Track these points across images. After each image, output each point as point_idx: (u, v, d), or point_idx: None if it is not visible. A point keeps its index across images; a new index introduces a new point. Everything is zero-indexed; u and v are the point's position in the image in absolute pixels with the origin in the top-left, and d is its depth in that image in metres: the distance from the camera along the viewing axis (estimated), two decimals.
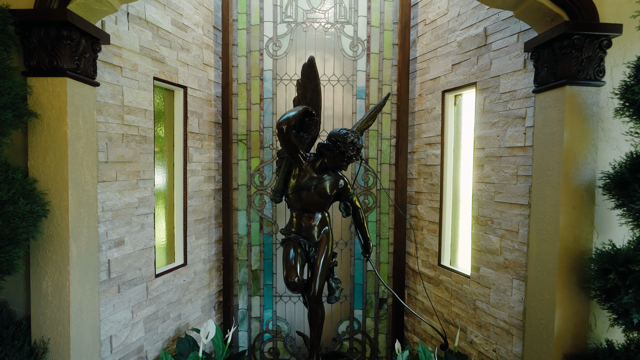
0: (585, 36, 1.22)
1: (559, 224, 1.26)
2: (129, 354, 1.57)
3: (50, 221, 1.19)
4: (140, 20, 1.58)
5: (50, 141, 1.19)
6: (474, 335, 1.72)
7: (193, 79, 1.91)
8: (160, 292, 1.74)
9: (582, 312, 1.27)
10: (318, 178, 1.62)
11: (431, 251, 1.99)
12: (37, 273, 1.20)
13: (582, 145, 1.25)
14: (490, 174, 1.63)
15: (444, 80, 1.89)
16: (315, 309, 1.66)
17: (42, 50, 1.17)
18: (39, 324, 1.21)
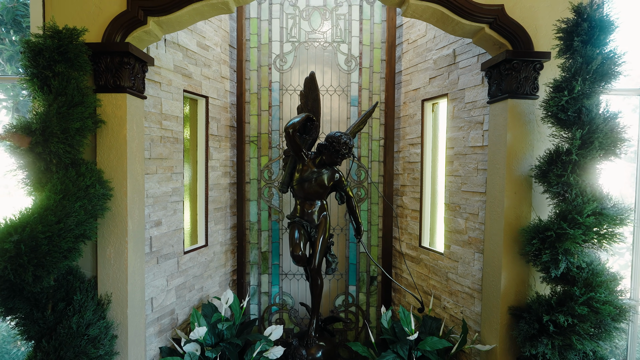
0: (523, 61, 1.59)
1: (504, 206, 1.63)
2: (164, 315, 1.94)
3: (113, 203, 1.55)
4: (173, 44, 1.96)
5: (113, 142, 1.56)
6: (447, 302, 2.09)
7: (213, 90, 2.28)
8: (188, 267, 2.10)
9: (522, 274, 1.64)
10: (318, 172, 1.98)
11: (413, 235, 2.36)
12: (103, 243, 1.57)
13: (522, 145, 1.62)
14: (458, 169, 2.00)
15: (423, 91, 2.26)
16: (315, 279, 2.02)
17: (108, 73, 1.54)
18: (104, 282, 1.58)
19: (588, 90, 1.33)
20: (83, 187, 1.35)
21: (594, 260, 1.41)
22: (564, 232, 1.33)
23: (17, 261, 1.20)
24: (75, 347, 1.33)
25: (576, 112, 1.36)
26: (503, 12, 1.61)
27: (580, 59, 1.34)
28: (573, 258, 1.38)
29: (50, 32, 1.37)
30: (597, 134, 1.31)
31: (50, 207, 1.27)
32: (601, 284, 1.33)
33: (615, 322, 1.31)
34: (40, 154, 1.31)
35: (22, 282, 1.22)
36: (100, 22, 1.56)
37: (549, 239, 1.37)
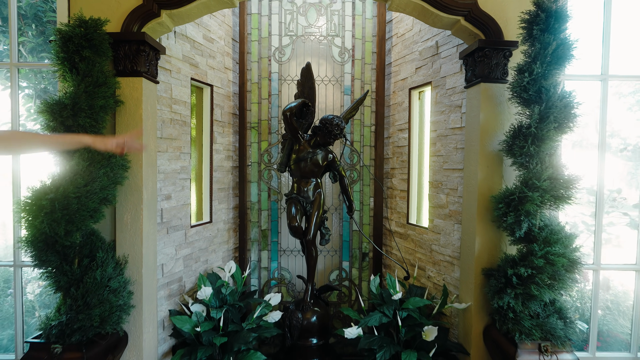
0: (493, 49, 1.79)
1: (478, 178, 1.82)
2: (173, 280, 2.13)
3: (130, 174, 1.75)
4: (182, 36, 2.16)
5: (130, 120, 1.76)
6: (430, 272, 2.28)
7: (217, 80, 2.48)
8: (194, 239, 2.30)
9: (494, 238, 1.83)
10: (313, 152, 2.18)
11: (402, 213, 2.55)
12: (121, 209, 1.77)
13: (493, 124, 1.82)
14: (440, 149, 2.20)
15: (410, 80, 2.46)
16: (310, 250, 2.22)
17: (127, 59, 1.74)
18: (121, 244, 1.78)
19: (545, 72, 1.53)
20: (106, 156, 1.56)
21: (553, 222, 1.61)
22: (525, 195, 1.53)
23: (52, 216, 1.40)
24: (99, 295, 1.53)
25: (536, 91, 1.56)
26: (476, 5, 1.81)
27: (539, 45, 1.54)
28: (534, 219, 1.58)
29: (77, 22, 1.57)
30: (552, 110, 1.51)
31: (79, 172, 1.47)
32: (557, 240, 1.52)
33: (569, 272, 1.51)
34: (70, 127, 1.51)
35: (56, 235, 1.42)
36: (120, 14, 1.77)
37: (513, 203, 1.57)
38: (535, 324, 1.55)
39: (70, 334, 1.48)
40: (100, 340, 1.55)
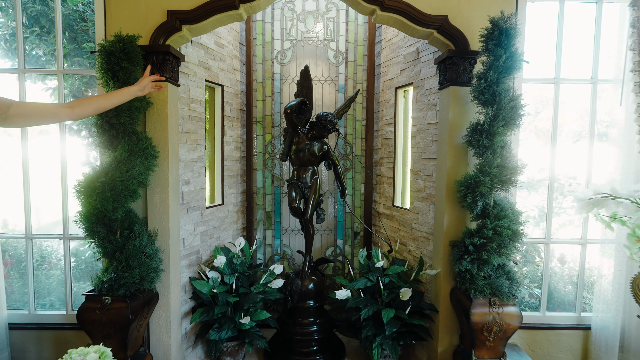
0: (460, 57, 2.12)
1: (447, 166, 2.18)
2: (192, 252, 2.53)
3: (159, 162, 2.11)
4: (197, 44, 2.51)
5: (157, 118, 2.13)
6: (411, 246, 2.67)
7: (227, 80, 2.84)
8: (209, 219, 2.69)
9: (459, 216, 2.20)
10: (310, 144, 2.54)
11: (388, 197, 2.93)
12: (151, 192, 2.15)
13: (460, 120, 2.17)
14: (419, 141, 2.55)
15: (396, 80, 2.80)
16: (308, 227, 2.60)
17: (155, 67, 2.09)
18: (152, 220, 2.16)
19: (498, 79, 1.88)
20: (142, 147, 1.93)
21: (504, 201, 1.97)
22: (479, 180, 1.89)
23: (102, 195, 1.78)
24: (138, 259, 1.92)
25: (491, 95, 1.91)
26: (447, 20, 2.14)
27: (492, 56, 1.89)
28: (488, 199, 1.94)
29: (116, 39, 1.92)
30: (502, 110, 1.86)
31: (122, 161, 1.85)
32: (505, 216, 1.89)
33: (513, 241, 1.88)
34: (114, 124, 1.88)
35: (105, 210, 1.81)
36: (148, 29, 2.12)
37: (471, 186, 1.94)
38: (486, 283, 1.93)
39: (117, 288, 1.88)
40: (139, 294, 1.95)
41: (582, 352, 2.42)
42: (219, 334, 2.27)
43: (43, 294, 2.89)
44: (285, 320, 2.56)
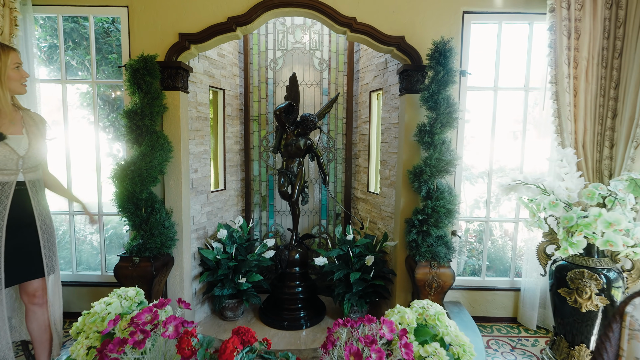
0: (414, 70, 2.62)
1: (403, 159, 2.71)
2: (200, 228, 3.11)
3: (173, 155, 2.67)
4: (203, 56, 3.03)
5: (172, 119, 2.67)
6: (380, 224, 3.22)
7: (228, 84, 3.37)
8: (213, 201, 3.26)
9: (413, 199, 2.73)
10: (296, 139, 3.06)
11: (364, 184, 3.47)
12: (168, 178, 2.71)
13: (413, 121, 2.67)
14: (387, 138, 3.07)
15: (371, 85, 3.31)
16: (294, 208, 3.15)
17: (169, 79, 2.63)
18: (168, 201, 2.73)
19: (438, 90, 2.39)
20: (161, 143, 2.49)
21: (444, 186, 2.50)
22: (422, 169, 2.42)
23: (132, 180, 2.35)
24: (159, 229, 2.49)
25: (433, 102, 2.42)
26: (404, 40, 2.63)
27: (434, 72, 2.39)
28: (431, 185, 2.47)
29: (141, 58, 2.46)
30: (441, 115, 2.38)
31: (147, 154, 2.42)
32: (443, 198, 2.42)
33: (447, 217, 2.42)
34: (139, 125, 2.44)
35: (134, 191, 2.38)
36: (163, 48, 2.65)
37: (417, 174, 2.47)
38: (428, 250, 2.48)
39: (144, 251, 2.46)
40: (160, 257, 2.54)
41: (513, 308, 2.98)
42: (222, 291, 2.86)
43: (77, 262, 3.50)
44: (276, 283, 3.14)
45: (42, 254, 1.83)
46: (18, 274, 1.75)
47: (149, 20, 2.65)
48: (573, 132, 2.49)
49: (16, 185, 1.70)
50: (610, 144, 2.44)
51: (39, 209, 1.84)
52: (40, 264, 1.83)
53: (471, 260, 3.50)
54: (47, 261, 1.86)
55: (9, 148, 1.64)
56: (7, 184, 1.66)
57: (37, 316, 1.88)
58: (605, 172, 2.47)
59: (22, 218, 1.73)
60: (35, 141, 1.78)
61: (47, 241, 1.85)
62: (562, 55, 2.44)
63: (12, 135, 1.66)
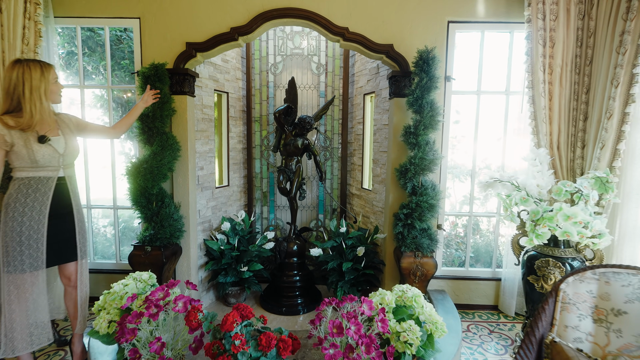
0: (401, 76, 2.84)
1: (392, 157, 2.94)
2: (205, 221, 3.37)
3: (181, 153, 2.92)
4: (208, 62, 3.28)
5: (180, 121, 2.93)
6: (372, 219, 3.45)
7: (231, 87, 3.61)
8: (218, 196, 3.52)
9: (401, 195, 2.96)
10: (294, 139, 3.30)
11: (359, 181, 3.70)
12: (176, 175, 2.97)
13: (401, 123, 2.90)
14: (378, 138, 3.30)
15: (364, 88, 3.53)
16: (292, 203, 3.40)
17: (177, 84, 2.88)
18: (177, 196, 2.99)
19: (422, 94, 2.60)
20: (170, 143, 2.74)
21: (428, 183, 2.73)
22: (407, 168, 2.65)
23: (144, 177, 2.61)
24: (168, 221, 2.76)
25: (418, 106, 2.64)
26: (392, 48, 2.85)
27: (418, 78, 2.61)
28: (416, 181, 2.70)
29: (152, 66, 2.71)
30: (425, 118, 2.60)
31: (157, 152, 2.67)
32: (426, 193, 2.65)
33: (430, 212, 2.64)
34: (151, 127, 2.70)
35: (146, 187, 2.64)
36: (171, 56, 2.90)
37: (403, 172, 2.70)
38: (413, 242, 2.71)
39: (155, 241, 2.73)
40: (169, 246, 2.80)
41: (494, 297, 3.20)
42: (225, 278, 3.12)
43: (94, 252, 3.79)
44: (276, 273, 3.39)
45: (76, 240, 2.10)
46: (56, 257, 2.02)
47: (159, 31, 2.90)
48: (548, 133, 2.69)
49: (57, 180, 1.97)
50: (582, 145, 2.65)
51: (75, 201, 2.11)
52: (74, 249, 2.10)
53: (458, 252, 3.72)
54: (81, 246, 2.13)
55: (52, 148, 1.91)
56: (50, 179, 1.93)
57: (72, 296, 2.16)
58: (578, 171, 2.67)
59: (61, 208, 2.01)
60: (70, 140, 2.05)
61: (80, 229, 2.12)
62: (538, 62, 2.65)
63: (53, 137, 1.93)
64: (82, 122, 2.20)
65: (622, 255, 2.34)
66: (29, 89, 1.81)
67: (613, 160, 2.38)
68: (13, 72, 1.82)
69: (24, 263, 1.84)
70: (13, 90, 1.82)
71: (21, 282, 1.86)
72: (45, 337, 1.97)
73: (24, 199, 1.84)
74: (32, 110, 1.82)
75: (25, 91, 1.80)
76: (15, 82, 1.81)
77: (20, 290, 1.86)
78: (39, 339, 1.96)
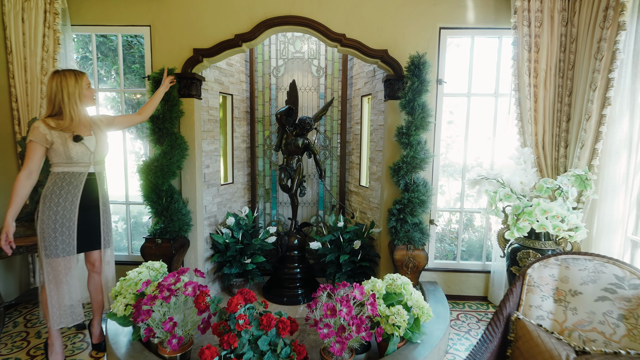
0: (395, 80, 3.01)
1: (387, 156, 3.11)
2: (211, 216, 3.57)
3: (189, 152, 3.12)
4: (214, 66, 3.47)
5: (187, 122, 3.12)
6: (369, 214, 3.63)
7: (235, 90, 3.80)
8: (223, 193, 3.72)
9: (395, 191, 3.13)
10: (295, 139, 3.49)
11: (356, 178, 3.88)
12: (184, 172, 3.17)
13: (395, 123, 3.07)
14: (374, 138, 3.48)
15: (362, 90, 3.71)
16: (293, 199, 3.59)
17: (185, 88, 3.08)
18: (185, 192, 3.20)
19: (414, 97, 2.78)
20: (179, 143, 2.94)
21: (420, 180, 2.90)
22: (400, 166, 2.83)
23: (155, 174, 2.81)
24: (177, 216, 2.96)
25: (410, 108, 2.82)
26: (387, 53, 3.02)
27: (410, 82, 2.79)
28: (408, 179, 2.88)
29: (161, 71, 2.91)
30: (416, 119, 2.78)
31: (167, 152, 2.88)
32: (418, 190, 2.83)
33: (421, 207, 2.82)
34: (161, 128, 2.90)
35: (157, 183, 2.84)
36: (180, 61, 3.09)
37: (396, 170, 2.88)
38: (405, 235, 2.89)
39: (165, 234, 2.93)
40: (178, 239, 3.01)
41: (484, 288, 3.37)
42: (230, 270, 3.32)
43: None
44: (277, 265, 3.59)
45: (101, 230, 2.31)
46: (84, 244, 2.24)
47: (168, 38, 3.10)
48: (534, 133, 2.86)
49: (87, 175, 2.19)
50: (565, 144, 2.81)
51: (102, 195, 2.33)
52: (99, 238, 2.31)
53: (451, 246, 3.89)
54: (105, 236, 2.35)
55: (85, 146, 2.13)
56: (82, 174, 2.16)
57: (95, 281, 2.38)
58: (561, 169, 2.83)
59: (89, 201, 2.23)
60: (100, 139, 2.26)
61: (105, 220, 2.34)
62: (524, 66, 2.81)
63: (86, 137, 2.15)
64: (110, 117, 2.41)
65: (600, 247, 2.50)
66: (67, 95, 2.04)
67: (592, 159, 2.54)
68: (53, 81, 2.05)
69: (58, 248, 2.06)
70: (54, 97, 2.06)
71: (56, 265, 2.09)
72: (78, 315, 2.21)
73: (59, 191, 2.07)
74: (71, 114, 2.06)
75: (64, 97, 2.04)
76: (55, 90, 2.05)
77: (55, 273, 2.09)
78: (72, 317, 2.21)
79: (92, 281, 2.38)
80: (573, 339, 1.41)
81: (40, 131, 1.99)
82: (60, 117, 2.07)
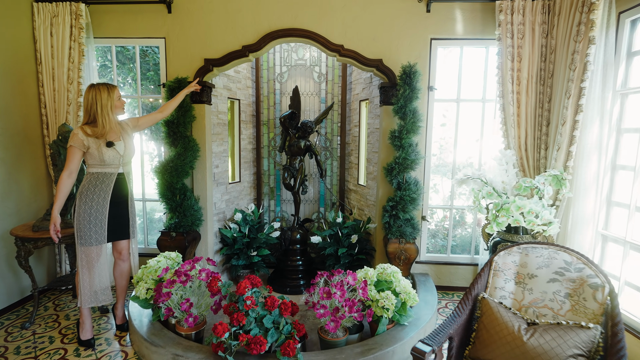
0: (389, 87, 3.27)
1: (381, 157, 3.38)
2: (220, 212, 3.86)
3: (200, 153, 3.41)
4: (222, 74, 3.76)
5: (199, 126, 3.41)
6: (366, 211, 3.90)
7: (242, 95, 4.09)
8: (231, 190, 4.01)
9: (389, 189, 3.40)
10: (297, 140, 3.77)
11: (355, 178, 4.15)
12: (196, 172, 3.46)
13: (389, 127, 3.33)
14: (371, 140, 3.74)
15: (360, 95, 3.97)
16: (296, 197, 3.87)
17: (196, 94, 3.36)
18: (196, 190, 3.49)
19: (405, 103, 3.04)
20: (191, 145, 3.24)
21: (411, 179, 3.16)
22: (392, 166, 3.09)
23: (171, 173, 3.11)
24: (190, 211, 3.25)
25: (402, 113, 3.08)
26: (382, 62, 3.28)
27: (402, 89, 3.05)
28: (400, 178, 3.14)
29: (176, 80, 3.20)
30: (407, 124, 3.04)
31: (181, 153, 3.17)
32: (409, 189, 3.09)
33: (412, 204, 3.08)
34: (175, 132, 3.19)
35: (172, 182, 3.14)
36: (192, 71, 3.38)
37: (389, 170, 3.14)
38: (397, 230, 3.15)
39: (179, 228, 3.23)
40: (191, 233, 3.31)
41: (472, 279, 3.62)
42: (238, 261, 3.62)
43: None
44: (281, 258, 3.87)
45: (129, 223, 2.61)
46: (113, 235, 2.54)
47: (181, 48, 3.39)
48: (517, 137, 3.10)
49: (117, 175, 2.48)
50: (545, 147, 3.05)
51: (130, 192, 2.62)
52: (127, 230, 2.61)
53: (444, 242, 4.14)
54: (132, 228, 2.64)
55: (115, 150, 2.42)
56: (112, 174, 2.46)
57: (120, 268, 2.68)
58: (542, 169, 3.08)
59: (118, 197, 2.52)
60: (128, 143, 2.54)
61: (132, 214, 2.64)
62: (507, 75, 3.05)
63: (117, 142, 2.44)
64: (135, 119, 2.71)
65: (574, 241, 2.74)
66: (100, 107, 2.33)
67: (567, 161, 2.78)
68: (89, 94, 2.35)
69: (91, 238, 2.36)
70: (90, 108, 2.35)
71: (89, 252, 2.39)
72: (108, 296, 2.51)
73: (93, 188, 2.37)
74: (103, 123, 2.35)
75: (98, 108, 2.33)
76: (91, 102, 2.34)
77: (89, 259, 2.39)
78: (103, 297, 2.51)
79: (118, 268, 2.68)
80: (528, 314, 1.67)
81: (79, 137, 2.29)
82: (95, 124, 2.36)
